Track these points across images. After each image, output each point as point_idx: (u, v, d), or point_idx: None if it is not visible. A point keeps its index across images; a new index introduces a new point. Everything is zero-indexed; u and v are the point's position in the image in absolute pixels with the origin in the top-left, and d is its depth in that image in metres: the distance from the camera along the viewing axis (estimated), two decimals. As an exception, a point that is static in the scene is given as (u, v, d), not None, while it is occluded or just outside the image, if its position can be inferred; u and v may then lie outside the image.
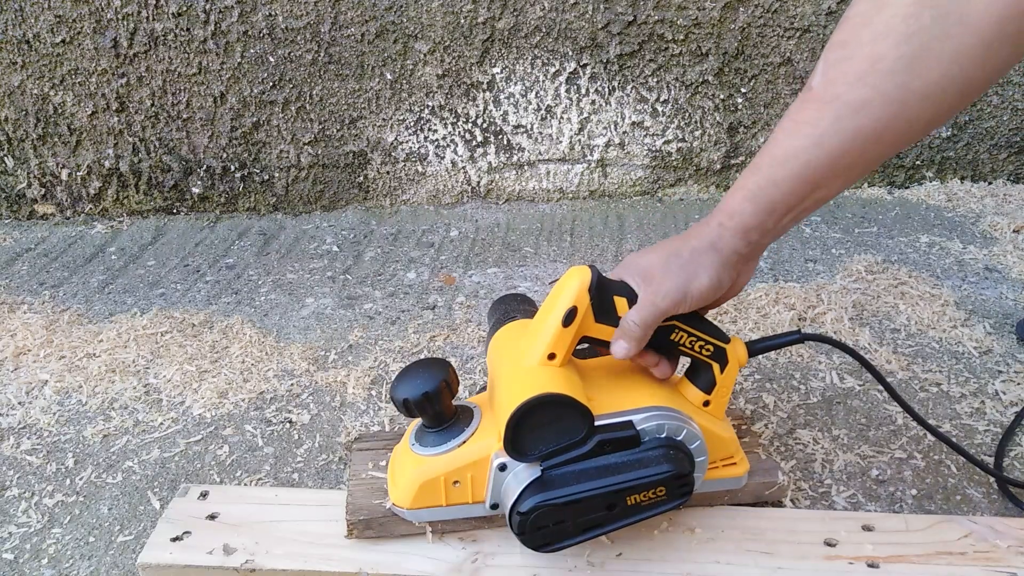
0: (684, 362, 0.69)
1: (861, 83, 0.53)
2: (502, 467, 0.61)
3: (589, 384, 0.64)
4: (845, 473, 0.78)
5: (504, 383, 0.62)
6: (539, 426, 0.58)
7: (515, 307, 0.71)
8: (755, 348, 0.69)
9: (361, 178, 1.47)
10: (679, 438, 0.62)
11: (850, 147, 0.55)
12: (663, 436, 0.62)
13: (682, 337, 0.63)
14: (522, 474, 0.60)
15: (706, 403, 0.67)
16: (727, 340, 0.65)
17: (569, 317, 0.59)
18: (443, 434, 0.63)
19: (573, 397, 0.58)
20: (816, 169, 0.56)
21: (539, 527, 0.59)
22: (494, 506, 0.63)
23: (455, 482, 0.63)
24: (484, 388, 0.72)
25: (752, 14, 1.31)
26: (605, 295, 0.60)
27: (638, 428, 0.61)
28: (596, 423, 0.60)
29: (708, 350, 0.65)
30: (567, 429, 0.59)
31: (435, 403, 0.61)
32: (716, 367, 0.66)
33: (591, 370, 0.67)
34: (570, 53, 1.35)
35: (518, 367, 0.61)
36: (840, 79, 0.54)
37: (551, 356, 0.60)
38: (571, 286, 0.59)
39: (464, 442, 0.63)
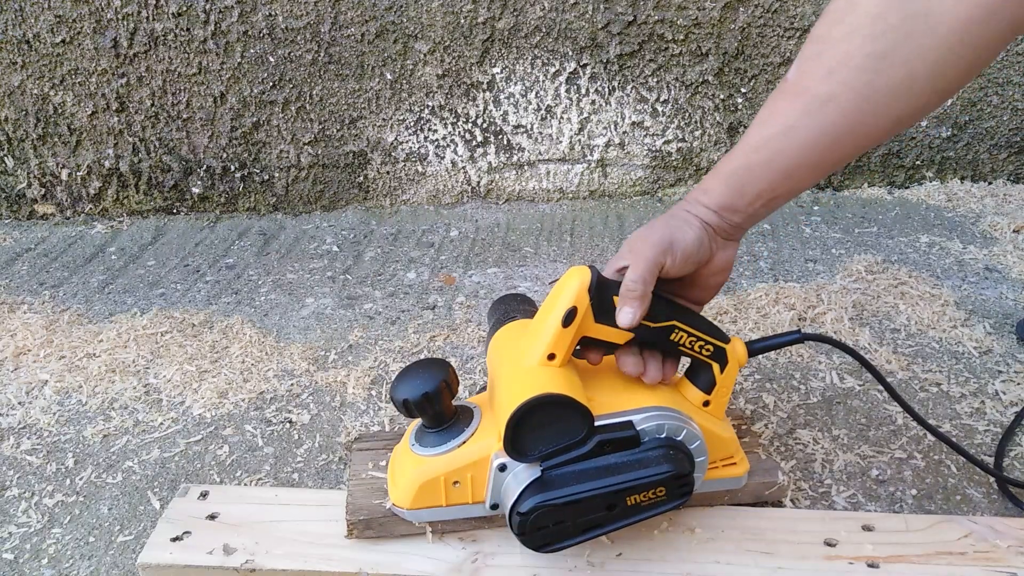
0: (684, 362, 0.69)
1: (830, 78, 0.54)
2: (502, 467, 0.61)
3: (589, 384, 0.64)
4: (845, 473, 0.78)
5: (504, 383, 0.62)
6: (539, 426, 0.58)
7: (515, 307, 0.71)
8: (755, 348, 0.69)
9: (361, 178, 1.47)
10: (679, 438, 0.62)
11: (819, 139, 0.56)
12: (663, 436, 0.62)
13: (682, 337, 0.63)
14: (522, 474, 0.60)
15: (706, 403, 0.67)
16: (727, 340, 0.65)
17: (569, 317, 0.59)
18: (443, 434, 0.63)
19: (573, 397, 0.58)
20: (787, 158, 0.57)
21: (539, 527, 0.59)
22: (494, 506, 0.63)
23: (455, 482, 0.63)
24: (484, 388, 0.72)
25: (752, 14, 1.31)
26: (605, 295, 0.60)
27: (638, 428, 0.61)
28: (596, 423, 0.60)
29: (708, 350, 0.65)
30: (567, 429, 0.59)
31: (435, 403, 0.61)
32: (716, 367, 0.66)
33: (591, 370, 0.67)
34: (570, 53, 1.35)
35: (518, 367, 0.61)
36: (812, 72, 0.55)
37: (551, 356, 0.60)
38: (571, 286, 0.59)
39: (464, 442, 0.62)
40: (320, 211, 1.50)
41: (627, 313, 0.59)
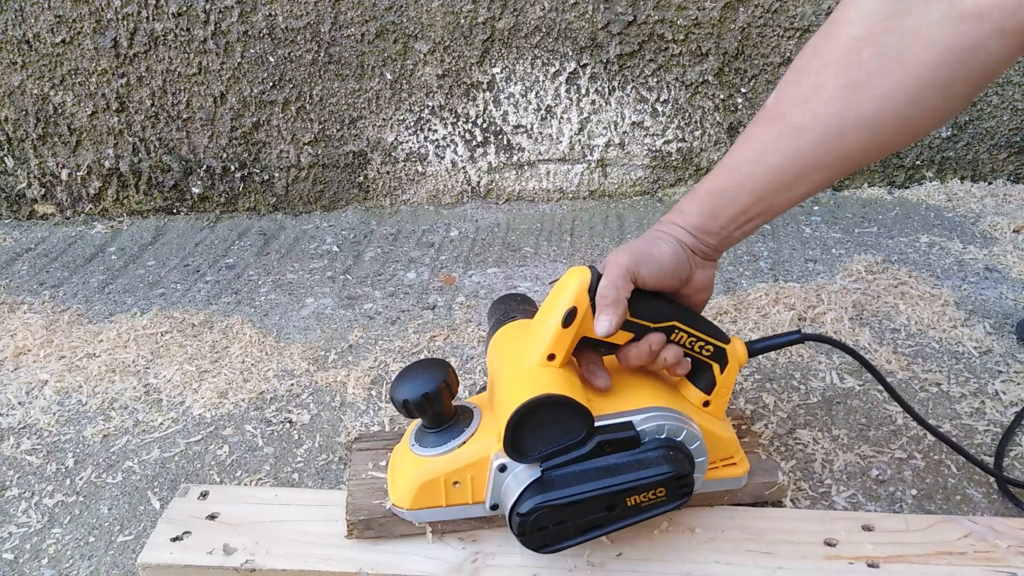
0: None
1: (804, 107, 0.56)
2: (502, 468, 0.61)
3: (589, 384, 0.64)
4: (845, 473, 0.78)
5: (504, 383, 0.62)
6: (539, 427, 0.58)
7: (515, 307, 0.71)
8: (755, 348, 0.69)
9: (361, 178, 1.47)
10: (679, 439, 0.62)
11: (790, 165, 0.57)
12: (663, 437, 0.62)
13: (682, 337, 0.63)
14: (522, 475, 0.60)
15: (706, 403, 0.67)
16: (727, 340, 0.65)
17: (569, 318, 0.59)
18: (443, 435, 0.63)
19: (573, 398, 0.58)
20: (758, 182, 0.59)
21: (539, 528, 0.59)
22: (494, 507, 0.63)
23: (455, 483, 0.63)
24: (484, 388, 0.72)
25: (752, 14, 1.31)
26: None
27: (638, 429, 0.61)
28: (596, 424, 0.60)
29: (708, 350, 0.64)
30: (567, 430, 0.59)
31: (435, 404, 0.61)
32: (716, 367, 0.66)
33: None
34: (570, 53, 1.35)
35: (518, 368, 0.61)
36: (788, 101, 0.57)
37: (551, 357, 0.60)
38: (571, 287, 0.59)
39: (464, 443, 0.62)
40: (320, 211, 1.50)
41: (603, 321, 0.58)
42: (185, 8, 1.29)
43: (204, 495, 0.74)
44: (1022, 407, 0.86)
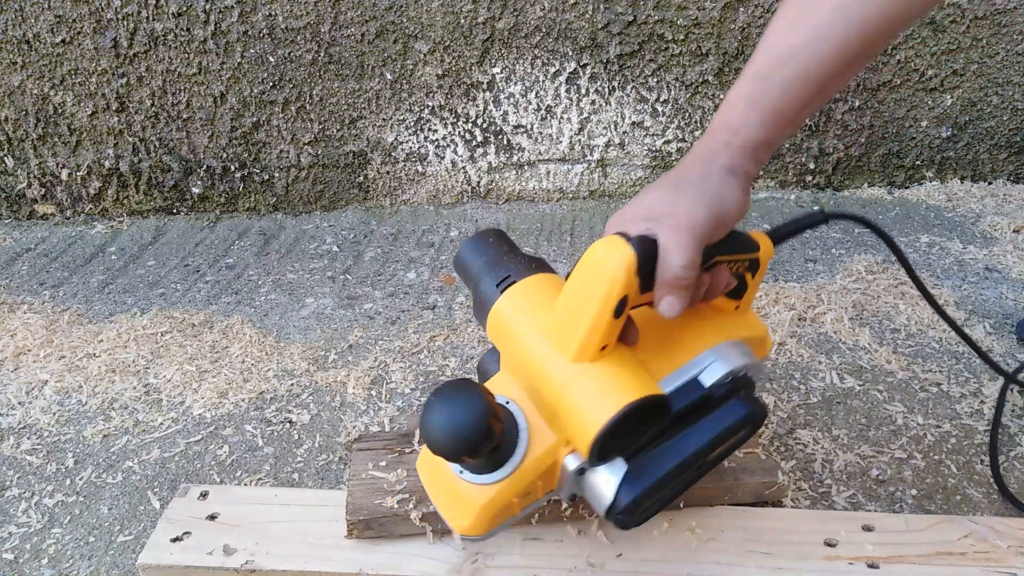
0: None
1: None
2: (580, 471, 0.56)
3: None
4: (845, 473, 0.78)
5: (554, 381, 0.55)
6: (623, 433, 0.53)
7: (493, 257, 0.64)
8: (778, 236, 0.63)
9: (361, 178, 1.47)
10: (742, 374, 0.58)
11: (855, 35, 0.51)
12: (729, 381, 0.57)
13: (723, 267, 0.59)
14: (606, 473, 0.55)
15: (737, 307, 0.64)
16: (757, 247, 0.60)
17: (620, 308, 0.51)
18: (495, 458, 0.56)
19: (652, 395, 0.53)
20: (822, 65, 0.52)
21: (641, 511, 0.56)
22: (572, 497, 0.59)
23: (526, 494, 0.58)
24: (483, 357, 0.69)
25: (752, 14, 1.31)
26: (650, 265, 0.51)
27: (707, 386, 0.56)
28: (667, 392, 0.55)
29: (744, 266, 0.60)
30: (648, 422, 0.55)
31: (490, 442, 0.52)
32: (748, 275, 0.62)
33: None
34: (570, 53, 1.35)
35: (567, 364, 0.54)
36: None
37: (603, 347, 0.53)
38: (613, 268, 0.50)
39: (523, 459, 0.56)
40: (320, 211, 1.50)
41: (673, 304, 0.51)
42: (185, 8, 1.29)
43: (204, 495, 0.74)
44: (1000, 394, 0.86)
